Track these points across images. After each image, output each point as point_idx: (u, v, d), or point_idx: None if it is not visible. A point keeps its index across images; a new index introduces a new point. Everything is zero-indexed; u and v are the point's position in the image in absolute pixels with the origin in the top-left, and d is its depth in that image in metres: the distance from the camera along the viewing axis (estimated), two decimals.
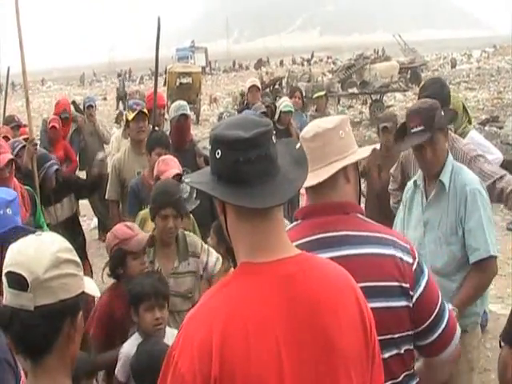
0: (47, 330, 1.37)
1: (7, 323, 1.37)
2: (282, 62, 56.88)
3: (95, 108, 8.21)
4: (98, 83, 54.65)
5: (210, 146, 1.37)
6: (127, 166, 4.69)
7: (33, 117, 4.71)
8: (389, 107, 18.39)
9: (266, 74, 31.42)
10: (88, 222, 8.91)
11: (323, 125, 1.82)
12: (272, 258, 1.33)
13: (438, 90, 3.69)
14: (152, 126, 4.91)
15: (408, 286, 1.72)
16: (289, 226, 1.82)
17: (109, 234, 3.13)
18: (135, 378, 2.57)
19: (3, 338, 1.69)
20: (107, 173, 5.03)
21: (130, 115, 4.76)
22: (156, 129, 4.92)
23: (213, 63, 60.91)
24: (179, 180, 3.64)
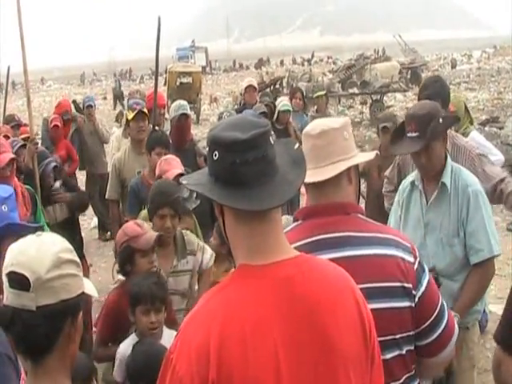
0: (48, 330, 1.37)
1: (8, 323, 1.37)
2: (282, 62, 56.90)
3: (95, 108, 8.20)
4: (99, 82, 54.67)
5: (207, 148, 1.37)
6: (127, 165, 4.69)
7: (33, 116, 4.70)
8: (389, 107, 18.39)
9: (266, 73, 31.41)
10: (88, 221, 8.92)
11: (329, 124, 1.83)
12: (270, 261, 1.33)
13: (439, 89, 3.68)
14: (152, 125, 4.90)
15: (410, 286, 1.72)
16: (289, 227, 1.82)
17: (119, 230, 3.14)
18: (130, 378, 2.56)
19: (3, 334, 1.69)
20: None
21: (130, 115, 4.76)
22: (156, 128, 4.92)
23: (213, 63, 60.91)
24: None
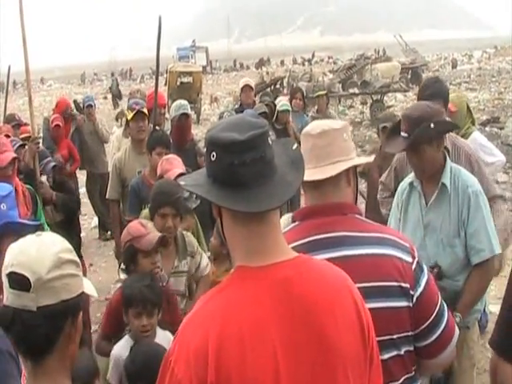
0: (49, 330, 1.37)
1: (9, 324, 1.36)
2: (282, 62, 56.94)
3: (95, 107, 8.20)
4: (99, 82, 54.69)
5: (205, 148, 1.36)
6: (128, 165, 4.69)
7: (34, 115, 4.70)
8: (389, 107, 18.37)
9: (266, 73, 31.44)
10: (88, 221, 8.93)
11: (330, 124, 1.85)
12: (269, 262, 1.33)
13: (439, 89, 3.68)
14: (153, 125, 4.91)
15: (408, 286, 1.72)
16: (287, 228, 1.83)
17: (124, 229, 3.15)
18: (129, 379, 2.55)
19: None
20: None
21: (129, 115, 4.76)
22: (157, 128, 4.92)
23: (214, 63, 60.91)
24: None
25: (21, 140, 5.50)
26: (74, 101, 9.41)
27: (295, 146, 1.46)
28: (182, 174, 3.72)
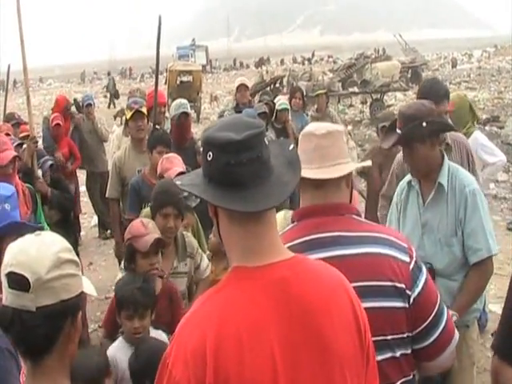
0: (48, 330, 1.36)
1: (8, 324, 1.35)
2: (282, 61, 57.00)
3: (94, 106, 8.19)
4: (99, 81, 54.67)
5: (201, 148, 1.35)
6: (128, 164, 4.69)
7: (33, 114, 4.70)
8: (389, 106, 18.37)
9: (266, 72, 31.47)
10: (88, 219, 8.93)
11: (332, 125, 1.87)
12: (265, 262, 1.32)
13: (436, 90, 3.68)
14: (153, 124, 4.91)
15: (403, 286, 1.70)
16: (286, 228, 1.84)
17: (129, 226, 3.13)
18: (133, 376, 2.55)
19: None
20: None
21: (129, 114, 4.76)
22: (157, 127, 4.92)
23: (213, 61, 60.93)
24: None
25: (21, 139, 5.50)
26: (75, 100, 9.40)
27: (292, 146, 1.46)
28: (182, 173, 3.71)
